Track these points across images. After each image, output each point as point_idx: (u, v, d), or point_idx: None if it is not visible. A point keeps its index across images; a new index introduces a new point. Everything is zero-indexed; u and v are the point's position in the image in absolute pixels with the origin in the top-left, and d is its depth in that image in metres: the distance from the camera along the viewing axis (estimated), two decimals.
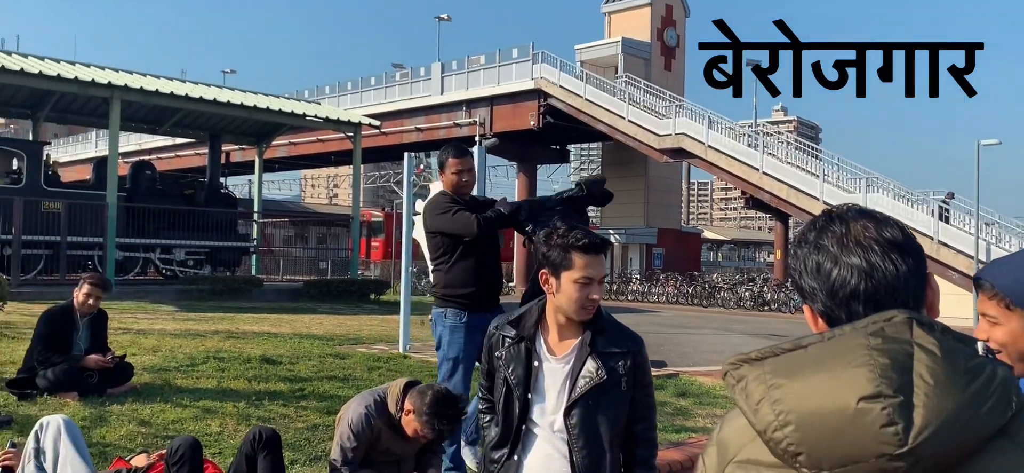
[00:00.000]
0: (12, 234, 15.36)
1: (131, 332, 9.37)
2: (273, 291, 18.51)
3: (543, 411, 2.61)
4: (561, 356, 2.61)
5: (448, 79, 34.29)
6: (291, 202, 51.57)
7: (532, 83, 31.39)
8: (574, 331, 2.63)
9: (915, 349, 1.00)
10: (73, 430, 3.23)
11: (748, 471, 1.10)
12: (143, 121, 21.14)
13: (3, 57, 16.54)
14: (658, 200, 35.53)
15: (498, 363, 2.68)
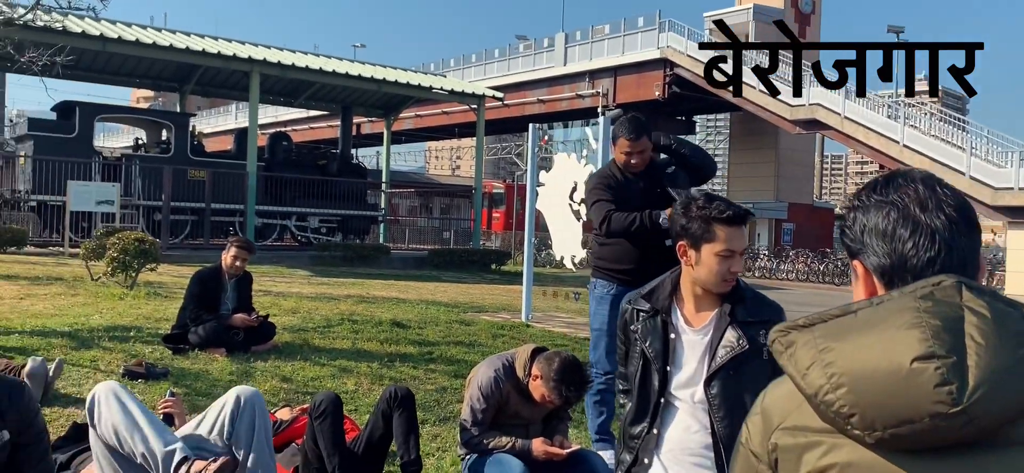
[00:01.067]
0: (162, 200, 16.47)
1: (271, 294, 9.86)
2: (399, 259, 19.07)
3: (682, 383, 2.59)
4: (699, 327, 2.58)
5: (571, 50, 34.12)
6: (416, 173, 52.87)
7: (658, 52, 30.79)
8: (711, 302, 2.60)
9: (966, 312, 1.01)
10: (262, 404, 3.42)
11: (796, 437, 1.10)
12: (280, 94, 22.12)
13: (153, 33, 17.64)
14: (789, 173, 34.25)
15: (634, 337, 2.66)
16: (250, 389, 3.44)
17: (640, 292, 2.73)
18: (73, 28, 14.89)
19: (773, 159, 33.74)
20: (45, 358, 4.96)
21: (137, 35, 16.73)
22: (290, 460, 3.93)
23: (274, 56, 18.21)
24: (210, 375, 5.60)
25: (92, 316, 7.33)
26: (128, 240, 9.18)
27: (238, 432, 3.32)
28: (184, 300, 6.48)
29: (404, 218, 26.55)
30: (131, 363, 5.46)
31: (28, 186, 16.14)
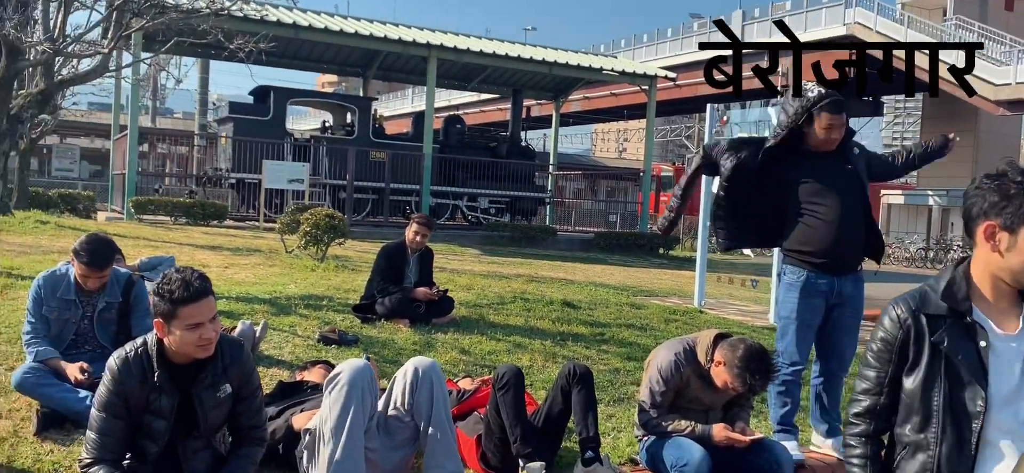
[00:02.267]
0: (346, 180, 17.43)
1: (446, 271, 10.21)
2: (565, 240, 19.19)
3: (1000, 403, 2.13)
4: (1013, 332, 2.16)
5: (748, 28, 32.83)
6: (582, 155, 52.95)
7: (843, 29, 29.01)
8: (1012, 299, 2.19)
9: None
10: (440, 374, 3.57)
11: None
12: (454, 78, 22.78)
13: (340, 21, 18.63)
14: (990, 158, 31.26)
15: (941, 347, 2.15)
16: (427, 360, 3.57)
17: (923, 292, 2.25)
18: (270, 17, 16.02)
19: (972, 143, 31.08)
20: (251, 322, 5.40)
21: (326, 23, 17.74)
22: (473, 428, 4.06)
23: (450, 41, 18.77)
24: (396, 344, 5.89)
25: (288, 285, 7.88)
26: (319, 216, 9.79)
27: (417, 402, 3.46)
28: (371, 273, 6.84)
29: (570, 200, 26.66)
30: (325, 330, 5.84)
31: (228, 165, 17.53)
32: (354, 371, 3.31)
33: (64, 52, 7.10)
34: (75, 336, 4.18)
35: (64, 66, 8.29)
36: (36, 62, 7.11)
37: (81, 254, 4.04)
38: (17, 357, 4.52)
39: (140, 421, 2.85)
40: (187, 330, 2.80)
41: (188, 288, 2.78)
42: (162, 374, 2.83)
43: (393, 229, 16.98)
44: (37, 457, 3.58)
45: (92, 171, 38.02)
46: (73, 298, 4.15)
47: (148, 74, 17.96)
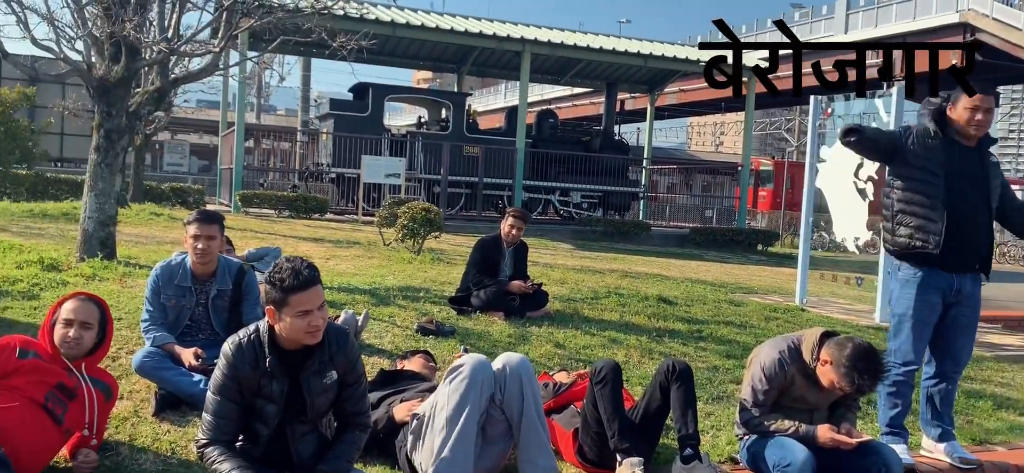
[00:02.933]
0: (441, 174, 17.68)
1: (538, 265, 10.23)
2: (660, 236, 18.94)
3: None
4: None
5: (853, 16, 31.60)
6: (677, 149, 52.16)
7: (957, 16, 27.58)
8: None
9: None
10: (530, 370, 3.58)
11: None
12: (547, 72, 22.78)
13: (436, 18, 18.90)
14: None
15: None
16: (517, 357, 3.58)
17: None
18: (370, 16, 16.39)
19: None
20: (354, 311, 5.54)
21: (422, 20, 18.03)
22: (569, 422, 4.06)
23: (544, 35, 18.78)
24: (491, 336, 5.94)
25: (387, 277, 8.05)
26: (416, 210, 9.97)
27: (508, 399, 3.47)
28: (467, 266, 6.92)
29: (664, 195, 26.31)
30: (423, 320, 5.94)
31: (329, 160, 18.04)
32: (476, 365, 3.36)
33: (178, 51, 7.43)
34: (190, 322, 4.39)
35: (176, 65, 8.68)
36: (152, 61, 7.46)
37: (192, 219, 4.33)
38: (137, 341, 4.77)
39: (252, 404, 2.96)
40: (297, 317, 2.89)
41: (298, 276, 2.87)
42: (273, 360, 2.93)
43: (485, 223, 17.13)
44: (156, 436, 3.76)
45: (200, 166, 39.77)
46: (188, 285, 4.36)
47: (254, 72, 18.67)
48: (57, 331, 3.41)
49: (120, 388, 3.97)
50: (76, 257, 7.41)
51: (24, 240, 8.56)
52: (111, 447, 3.62)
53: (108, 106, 7.35)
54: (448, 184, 17.80)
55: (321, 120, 20.41)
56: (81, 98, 16.40)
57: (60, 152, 22.23)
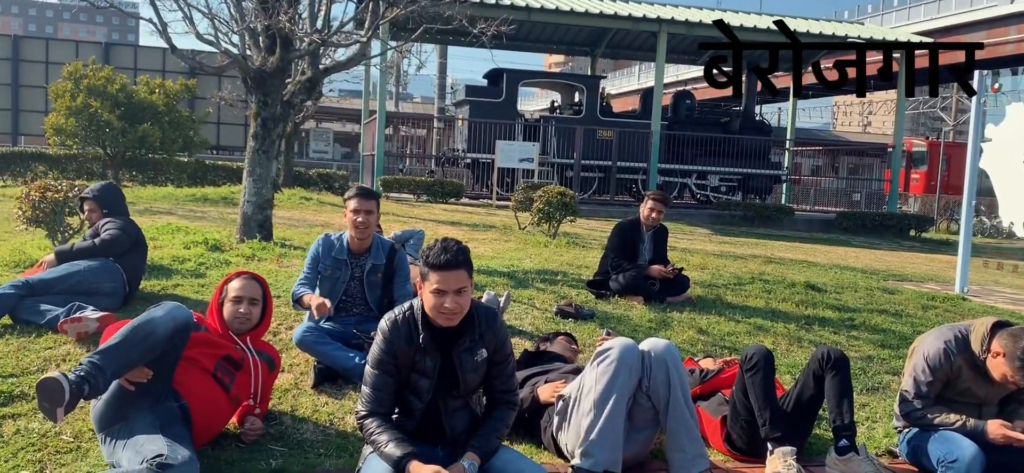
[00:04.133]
0: (574, 158, 17.65)
1: (676, 249, 10.05)
2: (803, 220, 18.19)
3: None
4: None
5: (915, 9, 29.20)
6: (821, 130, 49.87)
7: (1017, 5, 24.96)
8: None
9: None
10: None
11: None
12: (683, 52, 22.26)
13: (570, 1, 18.84)
14: None
15: None
16: (662, 342, 3.51)
17: None
18: (505, 2, 16.54)
19: None
20: (495, 293, 5.63)
21: (557, 4, 18.02)
22: (717, 409, 3.97)
23: (680, 14, 18.37)
24: (631, 320, 5.89)
25: (523, 260, 8.13)
26: (551, 194, 10.01)
27: (654, 385, 3.42)
28: (605, 249, 6.88)
29: (807, 178, 25.24)
30: (562, 303, 5.97)
31: (464, 145, 18.37)
32: (625, 349, 3.35)
33: (329, 42, 7.74)
34: (345, 297, 4.59)
35: (325, 55, 9.06)
36: (304, 52, 7.82)
37: (352, 194, 4.52)
38: (296, 317, 5.03)
39: (407, 378, 3.07)
40: (432, 294, 2.97)
41: (441, 256, 2.95)
42: (426, 336, 3.02)
43: (619, 208, 16.99)
44: (315, 408, 3.97)
45: (343, 153, 41.44)
46: (345, 258, 4.58)
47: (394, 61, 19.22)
48: (227, 308, 3.65)
49: (281, 361, 4.21)
50: (236, 238, 7.89)
51: (189, 222, 9.20)
52: (275, 417, 3.84)
53: (264, 95, 7.77)
54: (581, 168, 17.75)
55: (457, 107, 20.80)
56: (236, 89, 17.42)
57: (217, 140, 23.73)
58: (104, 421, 3.17)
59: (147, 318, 3.06)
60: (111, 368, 2.96)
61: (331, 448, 3.56)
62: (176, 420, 3.16)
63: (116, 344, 2.99)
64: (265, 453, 3.46)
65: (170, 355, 3.15)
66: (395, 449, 2.87)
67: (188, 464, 2.94)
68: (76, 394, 2.85)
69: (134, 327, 3.03)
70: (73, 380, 2.85)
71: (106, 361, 2.95)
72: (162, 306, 3.14)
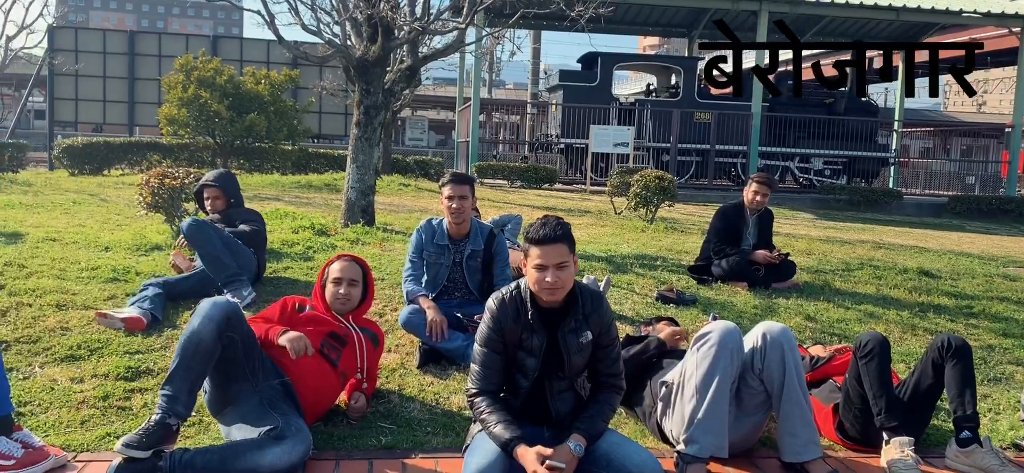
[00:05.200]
0: (670, 142, 17.37)
1: (779, 235, 9.77)
2: (913, 205, 17.40)
3: None
4: None
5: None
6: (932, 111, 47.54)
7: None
8: None
9: None
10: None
11: None
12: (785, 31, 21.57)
13: None
14: None
15: None
16: (777, 325, 3.42)
17: None
18: None
19: None
20: (594, 277, 5.61)
21: None
22: (828, 397, 3.85)
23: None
24: (735, 306, 5.77)
25: (620, 245, 8.07)
26: (649, 178, 9.89)
27: (768, 369, 3.34)
28: (707, 233, 6.75)
29: (917, 160, 24.10)
30: (663, 288, 5.90)
31: (558, 130, 18.32)
32: (725, 332, 3.29)
33: (429, 29, 7.85)
34: (448, 282, 4.67)
35: (423, 43, 9.18)
36: (405, 40, 7.94)
37: (446, 181, 4.61)
38: (400, 300, 5.15)
39: (514, 357, 3.10)
40: (534, 269, 2.99)
41: (541, 230, 2.98)
42: (533, 313, 3.04)
43: (717, 192, 16.64)
44: (421, 387, 4.05)
45: (437, 140, 42.05)
46: (445, 244, 4.65)
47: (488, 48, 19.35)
48: (328, 290, 3.78)
49: (387, 342, 4.31)
50: (341, 223, 8.12)
51: (296, 208, 9.51)
52: (383, 395, 3.94)
53: (367, 84, 7.94)
54: (678, 152, 17.46)
55: (550, 92, 20.76)
56: (337, 78, 17.87)
57: (319, 129, 24.39)
58: (215, 408, 3.34)
59: (190, 331, 3.11)
60: (184, 389, 3.04)
61: (438, 427, 3.63)
62: (280, 398, 3.28)
63: (177, 367, 3.07)
64: (375, 430, 3.55)
65: (235, 344, 3.19)
66: (503, 431, 2.91)
67: (300, 436, 3.06)
68: (166, 434, 2.97)
69: (183, 345, 3.10)
70: (154, 423, 2.95)
71: (176, 388, 3.04)
72: (197, 313, 3.16)
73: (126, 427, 3.45)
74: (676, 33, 23.00)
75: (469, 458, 2.96)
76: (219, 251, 5.13)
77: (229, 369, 3.21)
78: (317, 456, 3.21)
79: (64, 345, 4.29)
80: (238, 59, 22.19)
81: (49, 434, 3.38)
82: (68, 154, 17.01)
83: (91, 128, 26.17)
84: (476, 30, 14.17)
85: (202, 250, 5.17)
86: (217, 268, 5.11)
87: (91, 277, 5.50)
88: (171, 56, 20.34)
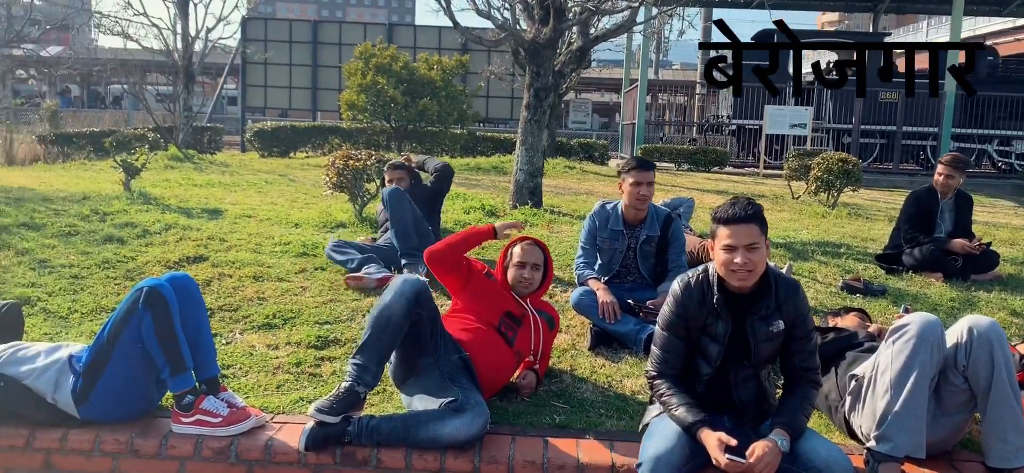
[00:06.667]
0: (852, 124, 16.38)
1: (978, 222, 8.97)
2: None
3: None
4: None
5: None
6: None
7: None
8: None
9: None
10: None
11: None
12: (983, 3, 19.77)
13: None
14: None
15: None
16: (986, 320, 3.12)
17: None
18: None
19: None
20: (775, 264, 5.37)
21: None
22: None
23: None
24: (929, 298, 5.35)
25: (800, 231, 7.70)
26: (832, 161, 9.36)
27: (974, 365, 3.05)
28: (898, 220, 6.31)
29: None
30: (848, 278, 5.56)
31: (729, 112, 17.74)
32: (924, 325, 3.05)
33: (601, 10, 7.79)
34: (621, 267, 4.62)
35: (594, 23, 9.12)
36: (576, 22, 7.92)
37: (630, 167, 4.54)
38: (569, 281, 5.15)
39: (697, 342, 3.01)
40: (722, 250, 2.88)
41: (729, 210, 2.87)
42: (719, 299, 2.94)
43: (903, 177, 15.55)
44: (593, 369, 4.03)
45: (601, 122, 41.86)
46: (620, 229, 4.60)
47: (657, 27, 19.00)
48: (511, 272, 3.82)
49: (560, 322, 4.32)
50: (509, 204, 8.24)
51: (465, 190, 9.75)
52: (555, 375, 3.96)
53: (537, 66, 7.99)
54: (860, 134, 16.44)
55: None
56: (505, 63, 18.14)
57: (486, 113, 24.91)
58: (398, 378, 3.47)
59: (382, 306, 3.24)
60: (373, 361, 3.19)
61: (611, 409, 3.60)
62: (460, 372, 3.36)
63: (368, 339, 3.21)
64: (548, 408, 3.57)
65: (422, 321, 3.31)
66: (686, 414, 2.84)
67: (479, 410, 3.12)
68: (355, 401, 3.14)
69: (374, 319, 3.23)
70: (344, 391, 3.13)
71: (366, 359, 3.18)
72: (390, 288, 3.30)
73: (317, 392, 3.65)
74: (859, 8, 21.62)
75: (647, 441, 2.91)
76: (408, 225, 5.42)
77: (415, 343, 3.33)
78: (493, 431, 3.27)
79: (261, 314, 4.61)
80: (411, 46, 23.00)
81: (249, 396, 3.63)
82: (259, 137, 18.32)
83: (277, 113, 28.05)
84: (646, 9, 13.94)
85: (396, 216, 5.46)
86: (404, 239, 5.39)
87: (283, 251, 5.88)
88: (350, 44, 21.38)
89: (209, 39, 17.86)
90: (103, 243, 5.95)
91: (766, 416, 3.01)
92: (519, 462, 3.09)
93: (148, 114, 17.68)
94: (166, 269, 5.36)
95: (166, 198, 8.09)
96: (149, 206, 7.40)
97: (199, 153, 15.78)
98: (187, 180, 10.59)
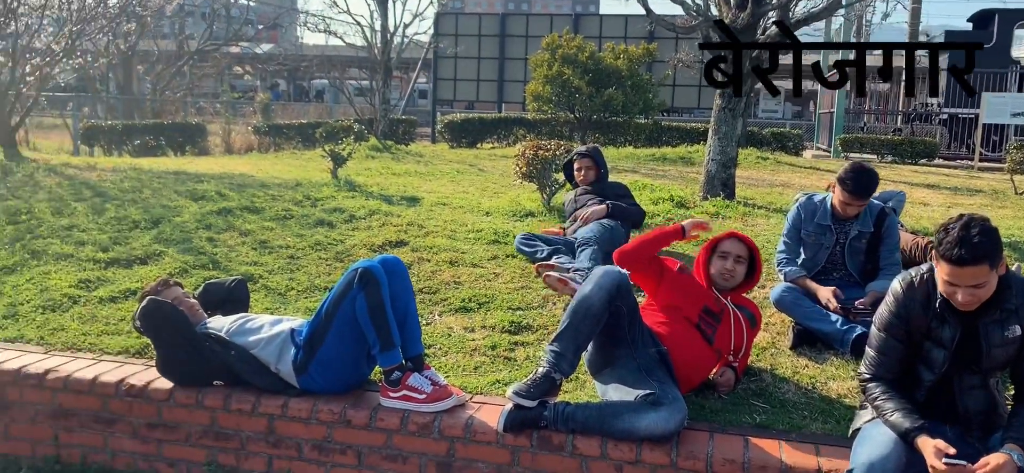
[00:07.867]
0: None
1: None
2: None
3: None
4: None
5: None
6: None
7: None
8: None
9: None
10: None
11: None
12: None
13: None
14: None
15: None
16: None
17: None
18: None
19: None
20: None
21: None
22: None
23: None
24: None
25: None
26: None
27: None
28: None
29: None
30: None
31: (941, 99, 16.37)
32: None
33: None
34: (826, 263, 4.37)
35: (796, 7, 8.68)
36: (776, 5, 7.59)
37: (846, 182, 4.19)
38: (774, 277, 4.95)
39: (920, 346, 2.79)
40: (944, 281, 2.64)
41: (956, 249, 2.56)
42: (944, 302, 2.71)
43: None
44: (795, 369, 3.85)
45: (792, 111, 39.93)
46: (828, 223, 4.35)
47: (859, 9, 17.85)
48: (715, 263, 3.70)
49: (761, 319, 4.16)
50: (699, 196, 8.04)
51: (652, 180, 9.61)
52: (754, 373, 3.81)
53: None
54: None
55: None
56: (692, 50, 17.70)
57: (672, 102, 24.45)
58: (594, 367, 3.47)
59: (582, 295, 3.25)
60: (570, 349, 3.21)
61: (816, 412, 3.42)
62: (657, 365, 3.31)
63: (566, 327, 3.23)
64: (748, 407, 3.45)
65: (621, 313, 3.28)
66: (903, 419, 2.65)
67: (677, 405, 3.07)
68: (551, 387, 3.19)
69: (574, 308, 3.24)
70: (541, 376, 3.18)
71: (563, 346, 3.21)
72: (590, 279, 3.30)
73: (512, 376, 3.73)
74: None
75: (858, 448, 2.74)
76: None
77: (612, 334, 3.32)
78: (690, 426, 3.20)
79: (457, 297, 4.78)
80: (597, 36, 22.97)
81: (449, 375, 3.78)
82: (449, 129, 19.01)
83: (464, 105, 28.97)
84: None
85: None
86: None
87: (476, 238, 6.06)
88: (536, 36, 21.67)
89: (405, 35, 18.72)
90: (315, 227, 6.39)
91: (995, 428, 2.75)
92: (718, 460, 3.01)
93: (349, 107, 18.81)
94: (371, 252, 5.67)
95: (369, 186, 8.56)
96: (354, 193, 7.86)
97: (396, 144, 16.60)
98: (386, 169, 11.16)
